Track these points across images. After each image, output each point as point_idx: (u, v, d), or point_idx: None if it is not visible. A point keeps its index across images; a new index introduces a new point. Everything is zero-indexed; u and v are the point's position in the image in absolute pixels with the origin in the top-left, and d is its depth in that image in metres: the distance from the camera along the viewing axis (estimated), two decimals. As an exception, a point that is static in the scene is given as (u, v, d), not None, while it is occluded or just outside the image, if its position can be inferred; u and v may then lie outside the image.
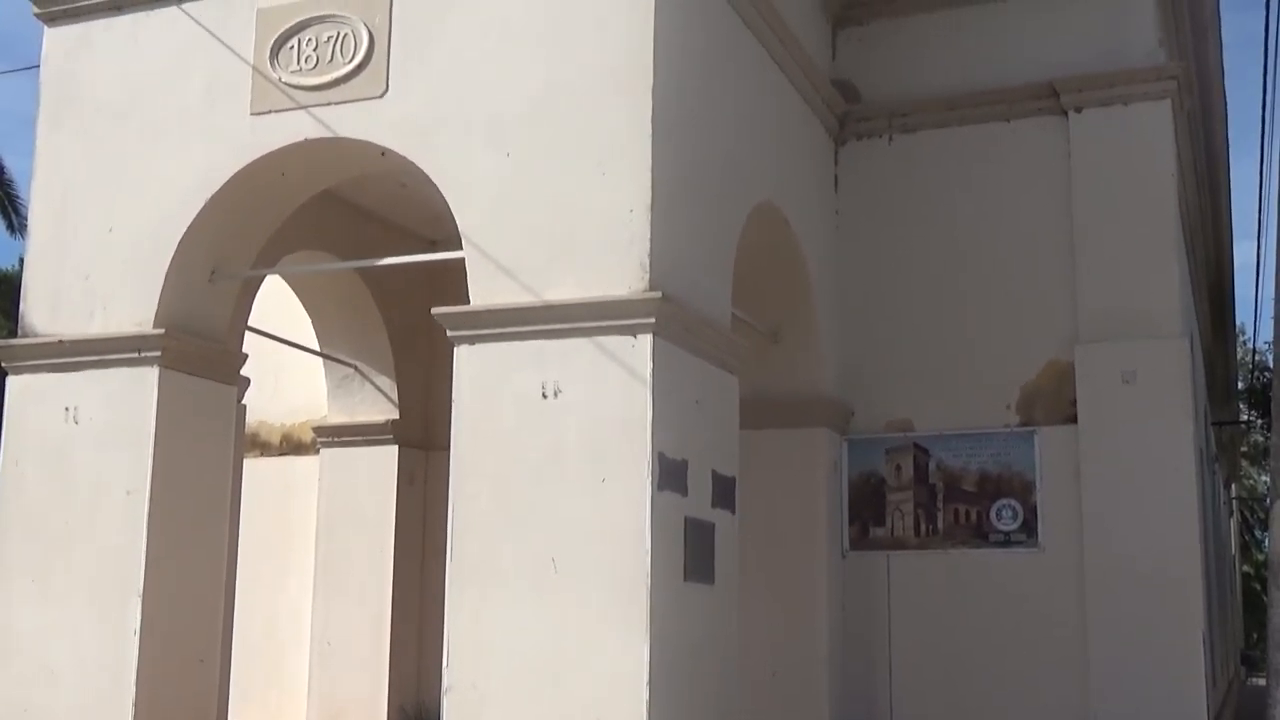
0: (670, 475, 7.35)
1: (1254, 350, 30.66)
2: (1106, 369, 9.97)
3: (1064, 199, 10.36)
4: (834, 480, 10.53)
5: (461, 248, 7.92)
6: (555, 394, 7.41)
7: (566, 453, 7.35)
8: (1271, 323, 8.20)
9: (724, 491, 8.15)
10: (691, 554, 7.60)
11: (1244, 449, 35.69)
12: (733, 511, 8.28)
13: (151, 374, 8.45)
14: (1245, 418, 31.01)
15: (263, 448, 13.20)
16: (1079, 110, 10.39)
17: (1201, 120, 13.48)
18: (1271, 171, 9.55)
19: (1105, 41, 10.47)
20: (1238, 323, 26.74)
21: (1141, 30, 10.45)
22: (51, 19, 9.28)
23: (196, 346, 8.75)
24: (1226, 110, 14.49)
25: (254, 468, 11.88)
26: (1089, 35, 10.54)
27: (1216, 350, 22.90)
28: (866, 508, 10.61)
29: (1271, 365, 8.17)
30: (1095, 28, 10.54)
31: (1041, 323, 10.31)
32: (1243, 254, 76.82)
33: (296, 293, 12.09)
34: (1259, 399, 27.61)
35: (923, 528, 10.46)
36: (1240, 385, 30.69)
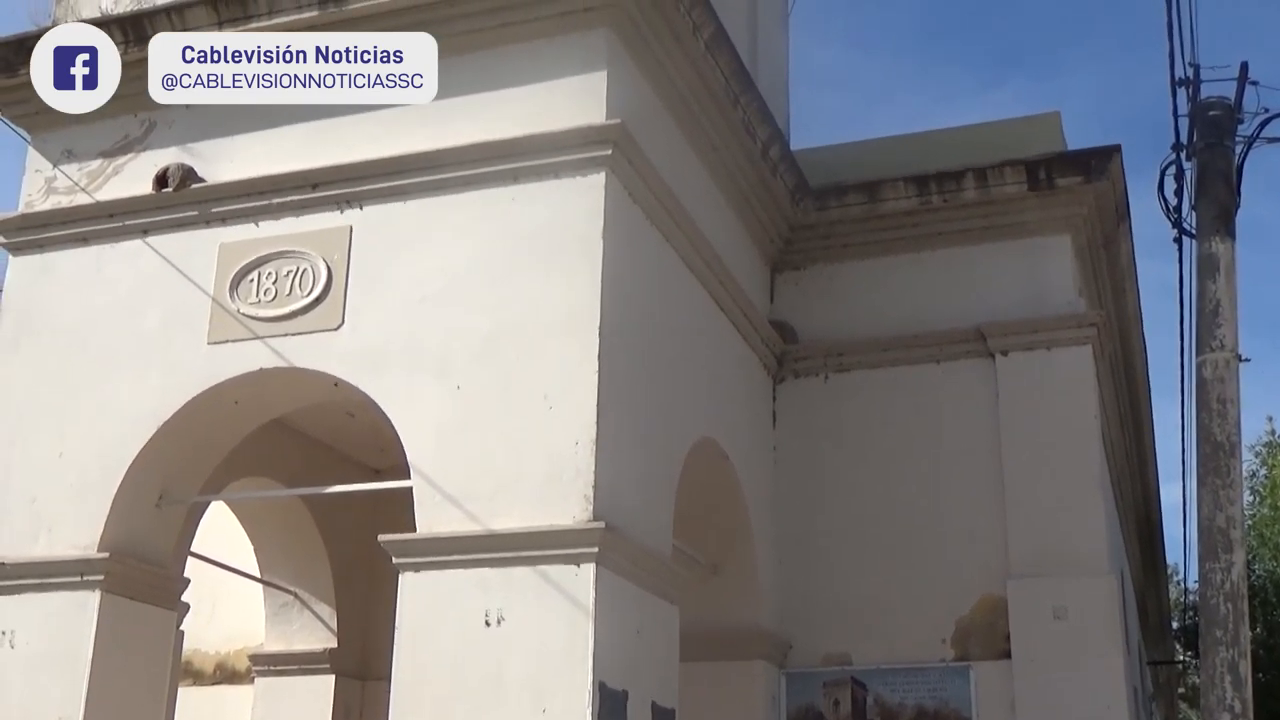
0: (611, 706, 7.37)
1: (1185, 590, 30.88)
2: (1038, 604, 10.12)
3: (994, 437, 10.68)
4: (772, 714, 10.49)
5: (407, 476, 8.06)
6: (499, 622, 7.46)
7: (508, 682, 7.36)
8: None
9: (663, 723, 8.15)
10: (631, 787, 7.57)
11: (1181, 690, 35.54)
12: (672, 744, 8.27)
13: (93, 598, 8.38)
14: (1181, 658, 30.98)
15: (195, 676, 12.95)
16: (1005, 354, 10.82)
17: (1122, 364, 14.03)
18: (1191, 414, 10.00)
19: (1028, 290, 10.99)
20: (1170, 563, 27.02)
21: (1061, 280, 11.00)
22: (17, 249, 9.50)
23: (139, 571, 8.72)
24: (1146, 354, 15.10)
25: (185, 697, 11.61)
26: (1013, 284, 11.06)
27: (1149, 589, 23.12)
28: (805, 743, 10.55)
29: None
30: (1019, 277, 11.07)
31: (975, 558, 10.48)
32: (1171, 495, 77.77)
33: (239, 517, 12.06)
34: (1192, 639, 27.68)
35: (861, 764, 10.41)
36: (1175, 625, 30.77)
